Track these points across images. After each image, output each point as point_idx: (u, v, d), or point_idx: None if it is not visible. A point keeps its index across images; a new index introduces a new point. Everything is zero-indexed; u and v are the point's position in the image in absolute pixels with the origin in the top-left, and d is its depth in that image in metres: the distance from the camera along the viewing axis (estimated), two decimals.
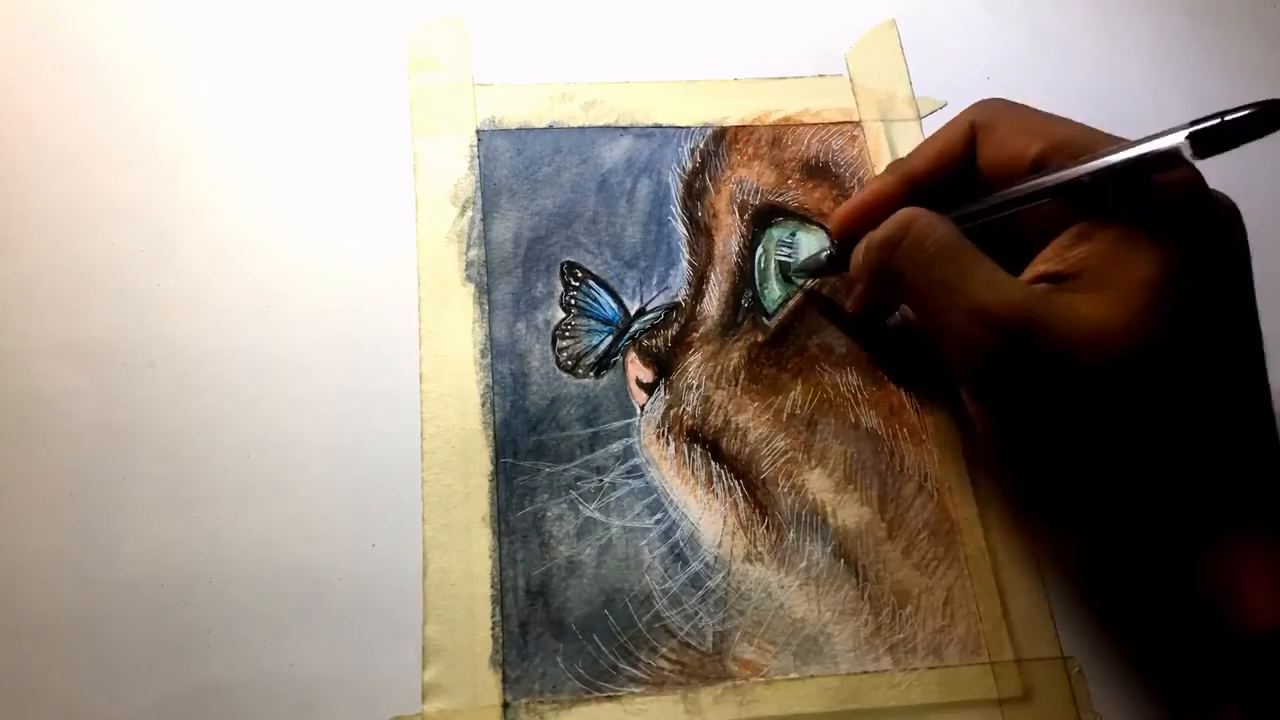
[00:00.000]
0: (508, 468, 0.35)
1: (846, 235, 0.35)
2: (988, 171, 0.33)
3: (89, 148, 0.38)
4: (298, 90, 0.40)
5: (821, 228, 0.39)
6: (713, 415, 0.36)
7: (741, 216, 0.40)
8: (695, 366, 0.37)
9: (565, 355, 0.37)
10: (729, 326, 0.38)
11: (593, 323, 0.37)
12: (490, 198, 0.39)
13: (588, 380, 0.36)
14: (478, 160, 0.40)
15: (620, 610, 0.33)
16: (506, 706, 0.32)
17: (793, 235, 0.39)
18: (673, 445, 0.35)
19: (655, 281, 0.38)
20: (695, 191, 0.40)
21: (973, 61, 0.44)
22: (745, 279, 0.38)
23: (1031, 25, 0.45)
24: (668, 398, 0.36)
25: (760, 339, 0.38)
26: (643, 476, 0.35)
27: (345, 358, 0.36)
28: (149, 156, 0.38)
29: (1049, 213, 0.30)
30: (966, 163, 0.33)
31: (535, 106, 0.41)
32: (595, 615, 0.33)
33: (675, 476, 0.35)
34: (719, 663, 0.33)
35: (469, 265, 0.38)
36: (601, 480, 0.35)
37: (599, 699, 0.32)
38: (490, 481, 0.34)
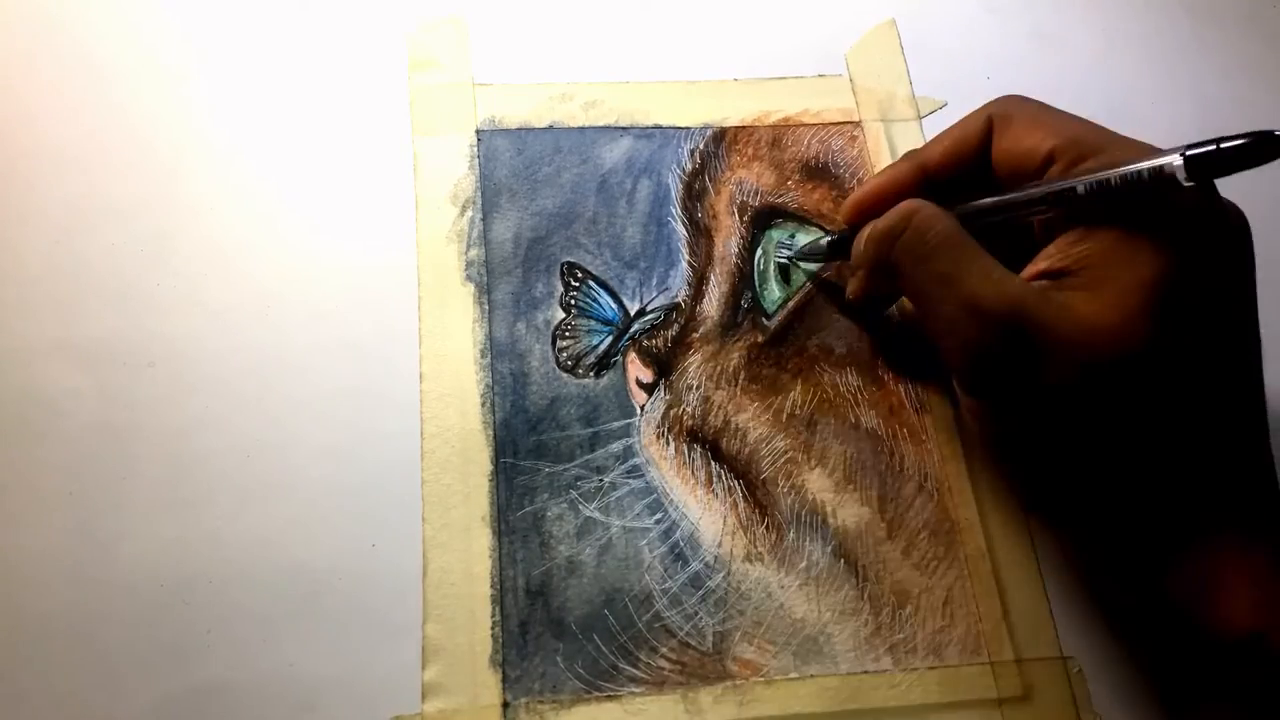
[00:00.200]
0: (508, 468, 0.35)
1: (856, 222, 0.35)
2: (1000, 165, 0.33)
3: (89, 148, 0.38)
4: (298, 90, 0.40)
5: (821, 229, 0.39)
6: (712, 415, 0.36)
7: (741, 217, 0.40)
8: (695, 367, 0.37)
9: (565, 355, 0.37)
10: (729, 327, 0.38)
11: (593, 323, 0.37)
12: (490, 198, 0.39)
13: (588, 380, 0.36)
14: (478, 160, 0.40)
15: (620, 610, 0.33)
16: (506, 706, 0.32)
17: (792, 236, 0.39)
18: (673, 445, 0.35)
19: (655, 282, 0.38)
20: (695, 192, 0.40)
21: (973, 61, 0.44)
22: (745, 280, 0.38)
23: (1031, 25, 0.45)
24: (668, 398, 0.36)
25: (760, 339, 0.37)
26: (643, 476, 0.35)
27: (345, 358, 0.36)
28: (149, 156, 0.38)
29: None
30: (982, 156, 0.33)
31: (535, 106, 0.41)
32: (595, 615, 0.33)
33: (675, 476, 0.35)
34: (719, 663, 0.33)
35: (469, 265, 0.38)
36: (601, 480, 0.35)
37: (599, 699, 0.32)
38: (490, 481, 0.34)
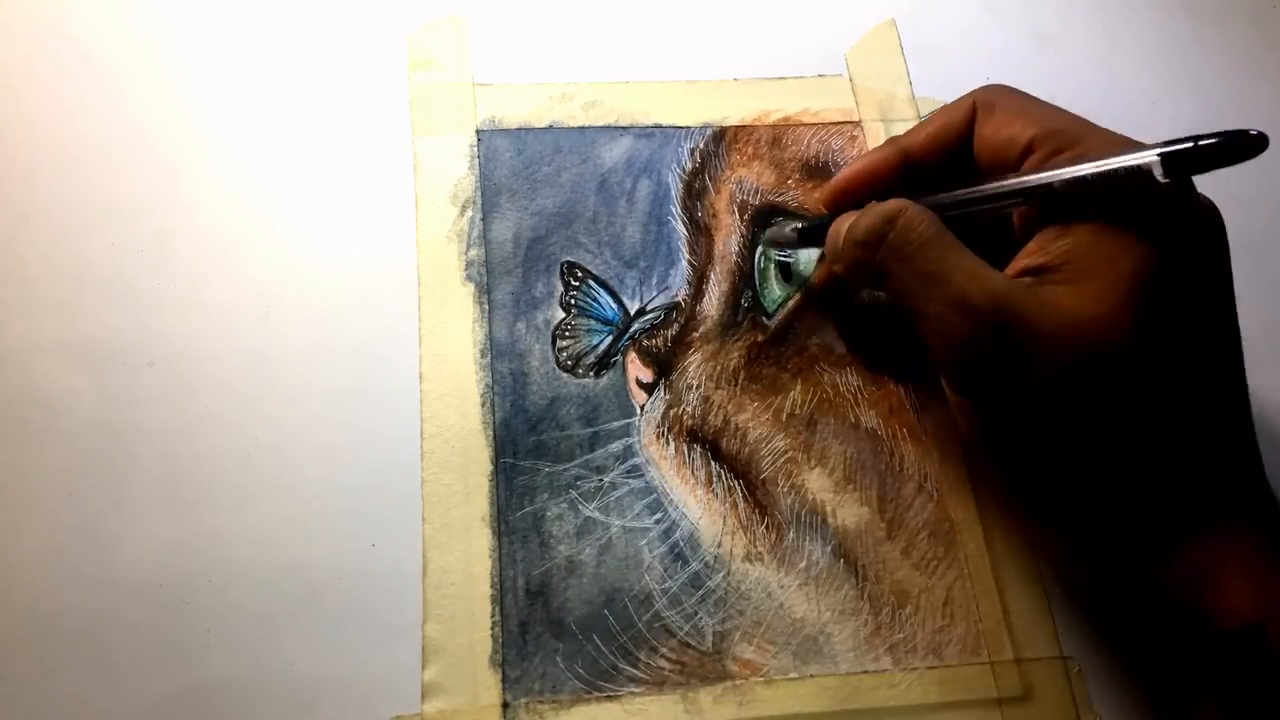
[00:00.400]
0: (507, 467, 0.35)
1: (836, 208, 0.35)
2: (981, 153, 0.33)
3: (89, 148, 0.38)
4: (298, 90, 0.40)
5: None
6: (712, 415, 0.36)
7: (741, 216, 0.40)
8: (695, 366, 0.37)
9: (565, 355, 0.37)
10: (729, 326, 0.38)
11: (593, 323, 0.37)
12: (490, 197, 0.39)
13: (588, 380, 0.36)
14: (478, 160, 0.40)
15: (620, 610, 0.33)
16: (506, 706, 0.32)
17: None
18: (672, 445, 0.35)
19: (655, 281, 0.38)
20: (695, 191, 0.40)
21: (973, 61, 0.44)
22: (745, 279, 0.38)
23: (1031, 25, 0.45)
24: (667, 397, 0.36)
25: (760, 339, 0.37)
26: (642, 476, 0.35)
27: (345, 358, 0.36)
28: (149, 156, 0.38)
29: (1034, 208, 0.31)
30: (964, 143, 0.33)
31: (535, 106, 0.41)
32: (595, 615, 0.33)
33: (675, 476, 0.35)
34: (719, 662, 0.33)
35: (469, 265, 0.38)
36: (601, 480, 0.35)
37: (599, 699, 0.32)
38: (490, 481, 0.34)
